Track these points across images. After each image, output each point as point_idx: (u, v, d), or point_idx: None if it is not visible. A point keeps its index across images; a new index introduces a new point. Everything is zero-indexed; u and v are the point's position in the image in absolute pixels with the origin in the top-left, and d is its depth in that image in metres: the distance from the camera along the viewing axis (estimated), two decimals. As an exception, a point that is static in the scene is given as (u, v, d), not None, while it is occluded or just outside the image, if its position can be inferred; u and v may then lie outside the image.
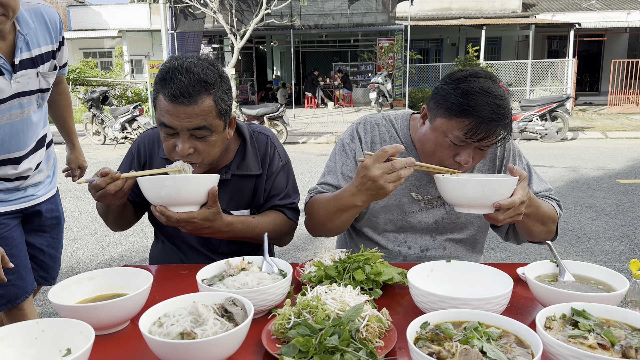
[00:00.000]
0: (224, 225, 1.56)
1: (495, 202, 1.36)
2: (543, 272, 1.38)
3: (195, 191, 1.42)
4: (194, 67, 1.44)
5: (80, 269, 4.44)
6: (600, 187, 7.02)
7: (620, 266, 4.22)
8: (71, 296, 1.27)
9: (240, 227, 1.63)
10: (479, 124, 1.43)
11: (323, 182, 1.74)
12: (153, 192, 1.41)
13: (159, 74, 1.48)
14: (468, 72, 1.50)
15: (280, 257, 1.49)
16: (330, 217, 1.58)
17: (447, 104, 1.48)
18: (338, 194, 1.54)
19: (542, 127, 11.36)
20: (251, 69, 24.19)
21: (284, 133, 11.71)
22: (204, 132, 1.48)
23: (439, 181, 1.44)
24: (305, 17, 17.82)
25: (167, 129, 1.48)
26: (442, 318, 1.06)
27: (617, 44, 21.95)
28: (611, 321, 1.06)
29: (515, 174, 1.39)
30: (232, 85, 10.64)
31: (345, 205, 1.50)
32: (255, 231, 1.67)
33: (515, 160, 1.77)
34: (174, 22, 16.17)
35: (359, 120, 1.82)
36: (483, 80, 1.47)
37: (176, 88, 1.41)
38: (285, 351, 1.02)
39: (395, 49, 18.98)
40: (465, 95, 1.44)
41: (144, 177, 1.41)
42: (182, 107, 1.42)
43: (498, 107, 1.43)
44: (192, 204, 1.44)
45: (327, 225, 1.63)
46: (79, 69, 18.48)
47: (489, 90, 1.44)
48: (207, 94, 1.45)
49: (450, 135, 1.49)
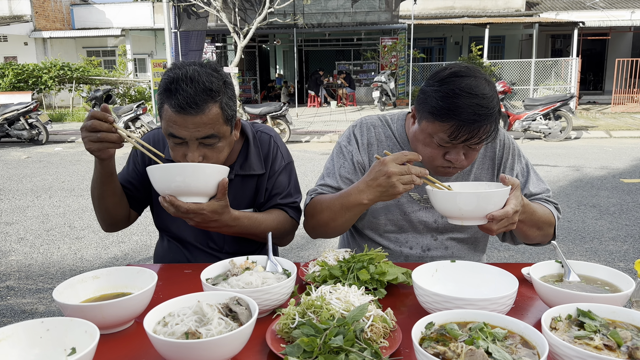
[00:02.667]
0: (231, 220, 1.55)
1: (488, 214, 1.35)
2: (548, 272, 1.38)
3: (205, 181, 1.41)
4: (198, 75, 1.43)
5: (84, 268, 4.45)
6: (604, 187, 7.00)
7: (625, 266, 4.20)
8: (75, 295, 1.27)
9: (246, 222, 1.62)
10: (460, 127, 1.42)
11: (323, 184, 1.74)
12: (163, 181, 1.40)
13: (162, 84, 1.47)
14: (451, 72, 1.48)
15: (284, 257, 1.49)
16: (333, 216, 1.59)
17: (429, 108, 1.48)
18: (345, 192, 1.54)
19: (546, 126, 11.32)
20: (254, 67, 24.19)
21: (286, 132, 11.71)
22: (212, 140, 1.49)
23: (431, 193, 1.43)
24: (308, 15, 17.81)
25: (176, 139, 1.48)
26: (447, 318, 1.06)
27: (621, 42, 21.86)
28: (617, 322, 1.06)
29: (507, 183, 1.38)
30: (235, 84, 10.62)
31: (351, 202, 1.51)
32: (260, 228, 1.67)
33: (514, 159, 1.77)
34: (177, 21, 16.18)
35: (356, 122, 1.83)
36: (465, 80, 1.44)
37: (182, 99, 1.40)
38: (289, 351, 1.01)
39: (398, 48, 18.95)
40: (446, 99, 1.43)
41: (155, 166, 1.40)
42: (190, 117, 1.42)
43: (480, 108, 1.40)
44: (201, 194, 1.43)
45: (329, 225, 1.63)
46: (83, 67, 18.52)
47: (470, 91, 1.41)
48: (214, 102, 1.45)
49: (436, 137, 1.49)
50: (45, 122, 12.23)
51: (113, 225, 1.77)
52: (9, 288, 4.03)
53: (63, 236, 5.35)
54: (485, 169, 1.76)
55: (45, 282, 4.15)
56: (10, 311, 3.62)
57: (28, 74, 17.64)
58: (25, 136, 12.06)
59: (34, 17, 21.82)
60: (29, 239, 5.29)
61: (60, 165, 9.56)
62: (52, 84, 17.78)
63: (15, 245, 5.08)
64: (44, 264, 4.56)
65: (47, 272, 4.37)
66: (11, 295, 3.90)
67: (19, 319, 3.28)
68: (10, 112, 11.80)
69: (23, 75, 17.55)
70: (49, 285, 4.07)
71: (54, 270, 4.42)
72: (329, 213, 1.60)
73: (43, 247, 5.01)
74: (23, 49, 21.94)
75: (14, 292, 3.95)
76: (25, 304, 3.72)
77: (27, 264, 4.56)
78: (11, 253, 4.87)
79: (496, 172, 1.77)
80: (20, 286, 4.07)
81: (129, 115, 11.55)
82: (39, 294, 3.90)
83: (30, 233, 5.47)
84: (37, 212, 6.32)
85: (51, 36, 21.86)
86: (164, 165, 1.40)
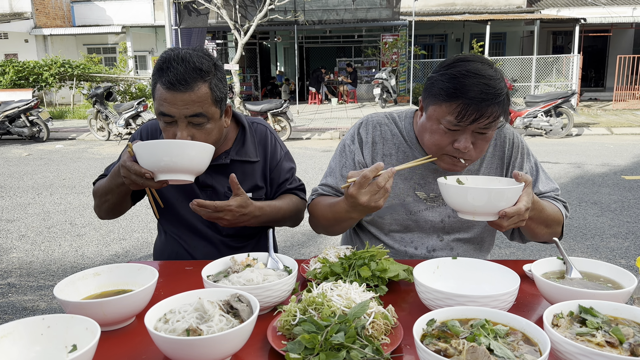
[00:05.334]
0: (257, 210, 1.63)
1: (500, 210, 1.34)
2: (550, 269, 1.38)
3: (190, 157, 1.42)
4: (190, 56, 1.51)
5: (85, 265, 4.46)
6: (606, 184, 6.99)
7: (626, 263, 4.20)
8: (76, 292, 1.27)
9: (269, 210, 1.71)
10: (468, 105, 1.41)
11: (324, 184, 1.78)
12: (148, 157, 1.41)
13: (156, 65, 1.54)
14: (457, 58, 1.51)
15: (285, 254, 1.49)
16: (329, 223, 1.64)
17: (436, 90, 1.48)
18: (334, 206, 1.55)
19: (547, 123, 11.31)
20: (255, 64, 24.15)
21: (287, 129, 11.70)
22: (200, 119, 1.53)
23: (443, 187, 1.42)
24: (309, 12, 17.77)
25: (165, 117, 1.53)
26: (449, 315, 1.06)
27: (623, 39, 21.80)
28: (619, 319, 1.05)
29: (520, 180, 1.37)
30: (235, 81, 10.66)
31: (342, 217, 1.54)
32: (280, 213, 1.77)
33: (523, 158, 1.75)
34: (178, 18, 16.15)
35: (362, 120, 1.81)
36: (472, 63, 1.46)
37: (173, 76, 1.47)
38: (290, 348, 1.01)
39: (399, 45, 18.90)
40: (453, 79, 1.44)
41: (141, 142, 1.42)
42: (179, 94, 1.48)
43: (487, 87, 1.41)
44: (187, 172, 1.45)
45: (328, 229, 1.71)
46: (83, 65, 18.51)
47: (477, 72, 1.43)
48: (203, 81, 1.51)
49: (444, 121, 1.48)
50: (46, 120, 12.22)
51: (109, 215, 1.84)
52: (10, 285, 4.04)
53: (64, 233, 5.36)
54: (493, 168, 1.75)
55: (46, 279, 4.15)
56: (11, 308, 3.62)
57: (29, 71, 17.64)
58: (26, 133, 12.06)
59: (35, 14, 21.79)
60: (30, 236, 5.29)
61: (61, 163, 9.56)
62: (52, 81, 17.77)
63: (16, 243, 5.08)
64: (45, 261, 4.57)
65: (48, 269, 4.37)
66: (12, 292, 3.91)
67: (20, 316, 3.29)
68: (11, 109, 11.80)
69: (24, 72, 17.55)
70: (50, 283, 4.08)
71: (55, 267, 4.43)
72: (325, 220, 1.66)
73: (44, 245, 5.02)
74: (24, 46, 21.93)
75: (15, 290, 3.95)
76: (26, 301, 3.73)
77: (28, 261, 4.57)
78: (12, 250, 4.87)
79: (505, 171, 1.76)
80: (21, 283, 4.08)
81: (130, 112, 11.54)
82: (40, 291, 3.91)
83: (31, 230, 5.48)
84: (38, 209, 6.33)
85: (52, 33, 21.84)
86: (150, 142, 1.41)
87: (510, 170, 1.74)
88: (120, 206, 1.78)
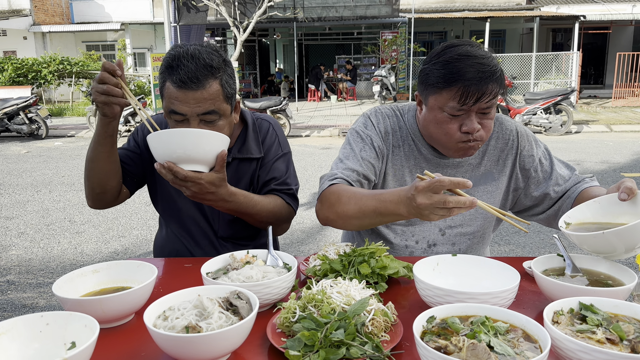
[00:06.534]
0: (227, 194, 1.53)
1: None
2: (550, 266, 1.37)
3: (205, 148, 1.40)
4: (199, 53, 1.48)
5: (84, 262, 4.45)
6: (605, 181, 6.99)
7: (625, 260, 4.20)
8: (75, 289, 1.27)
9: (242, 199, 1.60)
10: (468, 87, 1.43)
11: (346, 168, 1.60)
12: (163, 147, 1.38)
13: (164, 62, 1.50)
14: (445, 45, 1.52)
15: (284, 251, 1.48)
16: (361, 215, 1.42)
17: (433, 80, 1.49)
18: (381, 195, 1.37)
19: (547, 120, 11.30)
20: (254, 62, 24.13)
21: (287, 126, 11.69)
22: (213, 116, 1.51)
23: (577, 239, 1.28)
24: (309, 9, 17.75)
25: (177, 116, 1.50)
26: (449, 312, 1.05)
27: (623, 36, 21.79)
28: (619, 316, 1.05)
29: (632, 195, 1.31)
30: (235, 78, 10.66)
31: (387, 210, 1.34)
32: (256, 208, 1.66)
33: (531, 145, 1.75)
34: (177, 15, 16.11)
35: (370, 110, 1.79)
36: (461, 47, 1.48)
37: (184, 74, 1.44)
38: (290, 345, 1.01)
39: (398, 42, 18.89)
40: (447, 65, 1.45)
41: (156, 132, 1.39)
42: (191, 92, 1.46)
43: (482, 66, 1.43)
44: (201, 162, 1.42)
45: (352, 221, 1.47)
46: (82, 62, 18.47)
47: (469, 54, 1.45)
48: (214, 78, 1.49)
49: (447, 108, 1.48)
50: (44, 117, 12.21)
51: (100, 196, 1.68)
52: (9, 282, 4.04)
53: (63, 230, 5.35)
54: (494, 161, 1.74)
55: (45, 277, 4.15)
56: (10, 305, 3.62)
57: (27, 69, 17.61)
58: (25, 131, 12.04)
59: (33, 11, 21.74)
60: (29, 233, 5.29)
61: (60, 160, 9.55)
62: (51, 78, 17.75)
63: (15, 240, 5.08)
64: (44, 259, 4.56)
65: (48, 267, 4.37)
66: (12, 289, 3.91)
67: (20, 313, 3.29)
68: (9, 106, 11.79)
69: (22, 69, 17.53)
70: (49, 280, 4.07)
71: (54, 264, 4.43)
72: (357, 209, 1.43)
73: (43, 242, 5.01)
74: (22, 44, 21.88)
75: (14, 287, 3.95)
76: (25, 298, 3.73)
77: (28, 259, 4.57)
78: (11, 247, 4.87)
79: (512, 160, 1.74)
80: (20, 280, 4.08)
81: (129, 109, 11.51)
82: (39, 288, 3.91)
83: (30, 227, 5.47)
84: (37, 206, 6.32)
85: (50, 30, 21.80)
86: (165, 131, 1.39)
87: (521, 159, 1.74)
88: (109, 178, 1.63)
